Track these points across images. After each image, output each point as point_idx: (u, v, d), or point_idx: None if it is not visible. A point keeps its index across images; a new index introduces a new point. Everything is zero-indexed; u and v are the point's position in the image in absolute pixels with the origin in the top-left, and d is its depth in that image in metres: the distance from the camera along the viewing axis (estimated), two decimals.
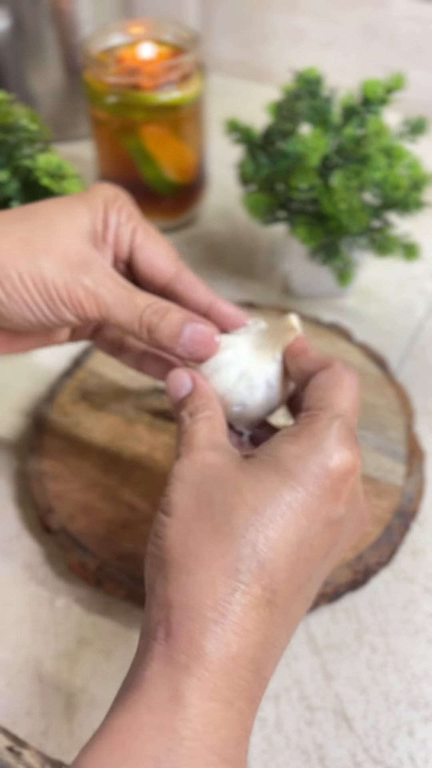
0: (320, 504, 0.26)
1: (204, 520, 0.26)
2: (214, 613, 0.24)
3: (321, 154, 0.47)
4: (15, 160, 0.45)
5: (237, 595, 0.24)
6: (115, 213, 0.34)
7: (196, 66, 0.59)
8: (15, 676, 0.37)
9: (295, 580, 0.26)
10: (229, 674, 0.24)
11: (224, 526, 0.25)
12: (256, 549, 0.25)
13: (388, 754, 0.35)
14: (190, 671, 0.24)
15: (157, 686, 0.24)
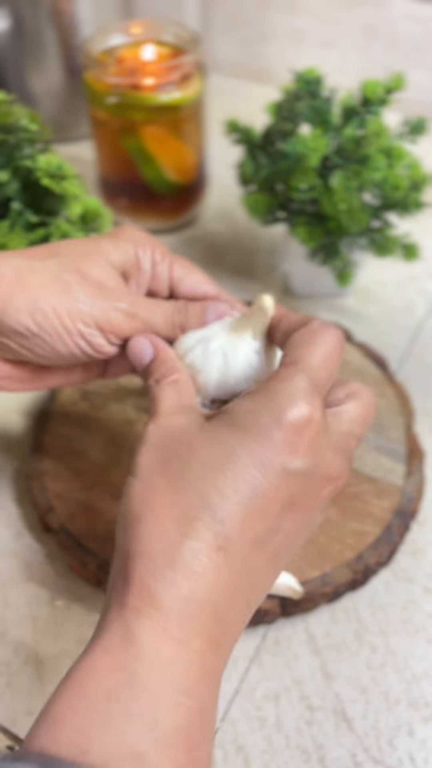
0: (272, 454, 0.26)
1: (162, 477, 0.27)
2: (164, 558, 0.25)
3: (321, 155, 0.48)
4: (15, 161, 0.45)
5: (187, 541, 0.25)
6: (149, 253, 0.36)
7: (196, 66, 0.59)
8: (15, 676, 0.37)
9: (251, 529, 0.26)
10: (180, 615, 0.25)
11: (177, 480, 0.27)
12: (206, 499, 0.26)
13: (388, 754, 0.35)
14: (141, 612, 0.25)
15: (111, 629, 0.25)
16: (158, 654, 0.24)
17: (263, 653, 0.38)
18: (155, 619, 0.25)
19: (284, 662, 0.38)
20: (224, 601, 0.26)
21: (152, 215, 0.65)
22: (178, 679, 0.24)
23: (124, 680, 0.24)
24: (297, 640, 0.39)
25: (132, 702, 0.23)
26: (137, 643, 0.24)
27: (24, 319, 0.31)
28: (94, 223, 0.48)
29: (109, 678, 0.24)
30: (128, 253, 0.35)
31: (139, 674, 0.24)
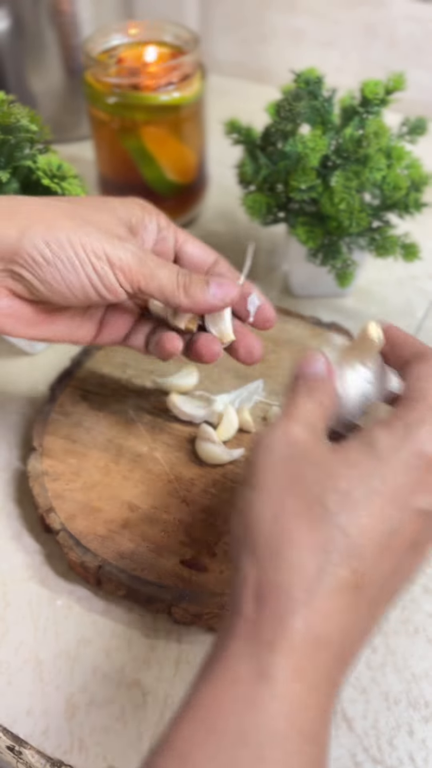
0: (411, 492, 0.26)
1: (296, 500, 0.25)
2: (303, 594, 0.24)
3: (321, 155, 0.48)
4: (15, 161, 0.45)
5: (326, 578, 0.24)
6: (154, 217, 0.39)
7: (196, 66, 0.59)
8: (15, 675, 0.37)
9: (382, 568, 0.25)
10: (312, 656, 0.23)
11: (316, 507, 0.25)
12: (346, 533, 0.25)
13: (387, 754, 0.35)
14: (276, 649, 0.23)
15: (241, 661, 0.23)
16: (292, 696, 0.23)
17: None
18: (290, 659, 0.23)
19: None
20: (348, 642, 0.25)
21: None
22: (307, 726, 0.23)
23: (257, 722, 0.22)
24: None
25: (263, 749, 0.22)
26: (272, 681, 0.23)
27: (41, 246, 0.33)
28: None
29: (241, 716, 0.22)
30: (135, 213, 0.37)
31: (274, 717, 0.22)
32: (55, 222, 0.34)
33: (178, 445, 0.45)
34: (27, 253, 0.33)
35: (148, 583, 0.38)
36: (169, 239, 0.39)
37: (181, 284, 0.36)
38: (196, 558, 0.39)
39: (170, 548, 0.40)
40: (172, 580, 0.38)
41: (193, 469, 0.44)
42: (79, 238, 0.33)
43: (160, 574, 0.39)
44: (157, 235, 0.39)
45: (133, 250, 0.35)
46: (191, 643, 0.38)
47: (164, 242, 0.39)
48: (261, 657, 0.23)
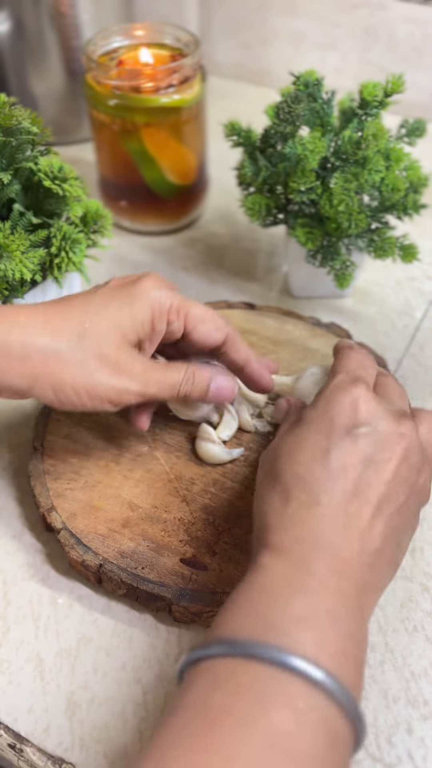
0: (332, 425, 0.34)
1: (266, 474, 0.36)
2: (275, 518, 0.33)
3: (320, 157, 0.48)
4: (16, 163, 0.45)
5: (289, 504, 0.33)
6: (164, 316, 0.40)
7: (196, 69, 0.59)
8: (16, 674, 0.38)
9: (338, 485, 0.32)
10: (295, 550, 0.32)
11: (275, 471, 0.34)
12: (295, 473, 0.33)
13: (386, 752, 0.35)
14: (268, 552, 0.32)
15: (281, 557, 0.31)
16: (328, 580, 0.30)
17: None
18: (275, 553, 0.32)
19: None
20: (335, 546, 0.31)
21: (153, 217, 0.66)
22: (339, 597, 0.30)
23: (303, 579, 0.30)
24: None
25: (314, 596, 0.29)
26: (311, 569, 0.30)
27: (49, 396, 0.37)
28: (94, 224, 0.49)
29: (287, 579, 0.30)
30: (145, 324, 0.39)
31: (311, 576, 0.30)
32: (62, 375, 0.36)
33: (178, 444, 0.46)
34: (37, 397, 0.37)
35: (149, 582, 0.38)
36: (176, 330, 0.41)
37: (182, 393, 0.40)
38: (197, 557, 0.40)
39: (170, 547, 0.40)
40: (173, 578, 0.39)
41: (193, 468, 0.44)
42: (84, 387, 0.37)
43: (160, 573, 0.39)
44: (166, 329, 0.40)
45: (134, 390, 0.38)
46: (192, 642, 0.39)
47: (172, 333, 0.41)
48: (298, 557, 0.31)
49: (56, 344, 0.36)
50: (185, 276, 0.62)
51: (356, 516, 0.32)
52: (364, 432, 0.33)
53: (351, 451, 0.33)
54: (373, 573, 0.32)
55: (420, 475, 0.34)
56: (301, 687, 0.26)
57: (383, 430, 0.34)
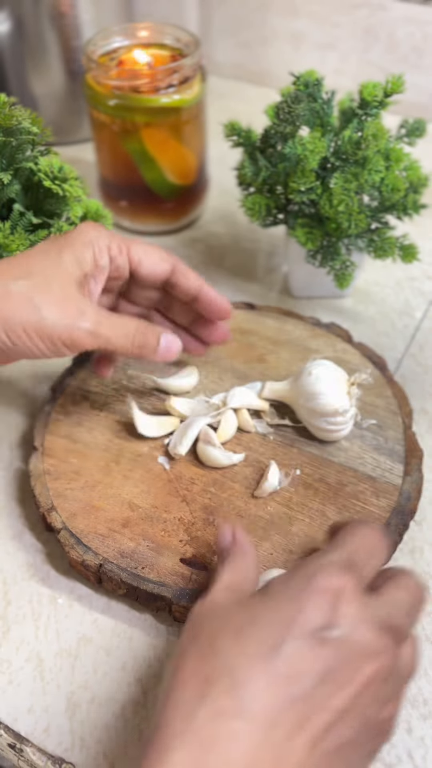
0: (298, 617, 0.26)
1: (194, 647, 0.27)
2: (180, 724, 0.25)
3: (320, 157, 0.48)
4: (17, 163, 0.46)
5: (202, 707, 0.25)
6: (105, 251, 0.40)
7: (196, 69, 0.59)
8: (16, 674, 0.38)
9: (274, 696, 0.25)
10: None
11: (206, 648, 0.27)
12: (229, 663, 0.26)
13: (386, 751, 0.35)
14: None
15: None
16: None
17: None
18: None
19: None
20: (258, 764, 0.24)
21: (153, 217, 0.66)
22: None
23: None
24: None
25: None
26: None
27: (2, 337, 0.36)
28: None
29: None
30: (86, 259, 0.39)
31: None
32: (11, 314, 0.36)
33: None
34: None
35: (149, 582, 0.38)
36: (122, 265, 0.41)
37: (136, 344, 0.40)
38: (197, 556, 0.40)
39: (170, 547, 0.40)
40: (173, 578, 0.39)
41: (193, 468, 0.44)
42: (34, 327, 0.36)
43: (160, 573, 0.39)
44: (109, 265, 0.40)
45: (85, 328, 0.37)
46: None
47: (118, 270, 0.41)
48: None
49: (2, 284, 0.37)
50: None
51: (284, 746, 0.24)
52: (334, 637, 0.26)
53: (306, 659, 0.26)
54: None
55: (383, 708, 0.27)
56: None
57: (357, 640, 0.26)
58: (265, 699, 0.25)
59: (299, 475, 0.44)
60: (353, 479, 0.44)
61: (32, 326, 0.36)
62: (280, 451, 0.45)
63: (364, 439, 0.46)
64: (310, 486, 0.43)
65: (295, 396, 0.46)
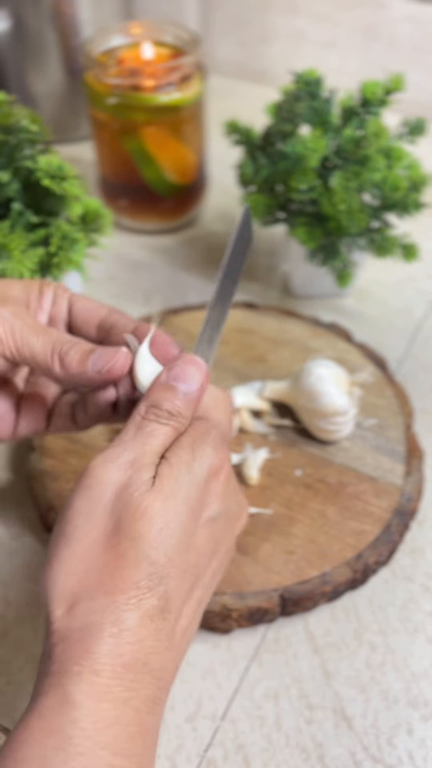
0: (202, 506, 0.29)
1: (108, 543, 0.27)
2: (112, 628, 0.26)
3: (320, 155, 0.48)
4: (16, 161, 0.45)
5: (134, 611, 0.26)
6: (52, 289, 0.36)
7: (196, 67, 0.59)
8: (15, 675, 0.38)
9: (186, 584, 0.28)
10: (121, 678, 0.25)
11: (127, 550, 0.27)
12: (156, 566, 0.27)
13: (387, 753, 0.35)
14: (82, 678, 0.25)
15: (48, 695, 0.25)
16: (96, 717, 0.25)
17: (263, 652, 0.38)
18: (96, 684, 0.25)
19: (284, 661, 0.38)
20: (161, 659, 0.27)
21: (152, 216, 0.66)
22: (115, 742, 0.25)
23: (58, 745, 0.24)
24: (297, 639, 0.39)
25: (64, 766, 0.24)
26: (75, 707, 0.25)
27: None
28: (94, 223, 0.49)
29: (41, 743, 0.24)
30: (33, 289, 0.36)
31: (74, 738, 0.24)
32: None
33: None
34: None
35: None
36: (62, 304, 0.37)
37: (56, 352, 0.33)
38: None
39: None
40: None
41: None
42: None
43: None
44: (52, 302, 0.36)
45: (3, 316, 0.33)
46: (190, 643, 0.38)
47: (57, 306, 0.36)
48: (67, 687, 0.25)
49: None
50: (185, 275, 0.62)
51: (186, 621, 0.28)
52: (217, 515, 0.29)
53: (207, 539, 0.29)
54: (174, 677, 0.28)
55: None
56: None
57: (232, 511, 0.31)
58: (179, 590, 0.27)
59: (300, 475, 0.44)
60: (354, 480, 0.43)
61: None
62: (280, 451, 0.45)
63: (364, 440, 0.45)
64: (310, 486, 0.43)
65: (296, 396, 0.45)
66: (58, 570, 0.27)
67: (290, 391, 0.46)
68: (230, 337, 0.53)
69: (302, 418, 0.46)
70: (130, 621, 0.26)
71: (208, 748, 0.35)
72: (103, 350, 0.33)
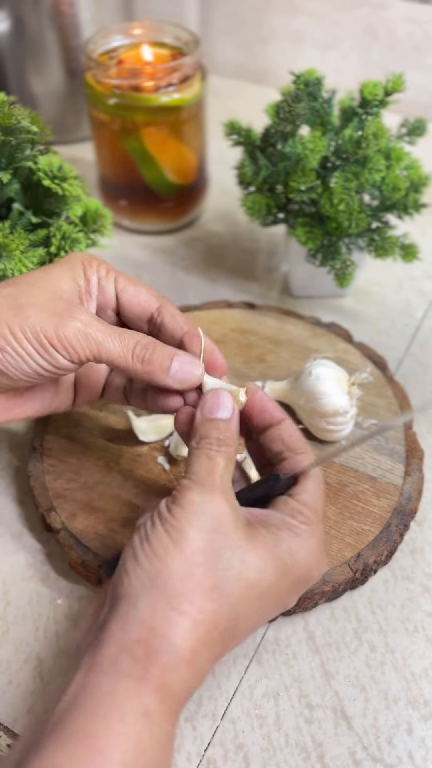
0: (289, 594, 0.32)
1: (208, 571, 0.29)
2: (189, 655, 0.28)
3: (320, 156, 0.48)
4: (16, 162, 0.45)
5: (209, 648, 0.29)
6: (95, 270, 0.37)
7: (196, 68, 0.59)
8: (16, 674, 0.38)
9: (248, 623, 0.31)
10: (180, 703, 0.28)
11: (223, 587, 0.29)
12: (237, 619, 0.29)
13: (387, 753, 0.35)
14: (160, 697, 0.27)
15: (130, 700, 0.27)
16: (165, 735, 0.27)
17: (263, 652, 0.38)
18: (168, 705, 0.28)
19: (284, 661, 0.38)
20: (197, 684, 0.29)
21: (152, 216, 0.66)
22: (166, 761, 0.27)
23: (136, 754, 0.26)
24: (296, 639, 0.39)
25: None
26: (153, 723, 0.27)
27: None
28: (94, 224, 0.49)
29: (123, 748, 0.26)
30: (78, 274, 0.36)
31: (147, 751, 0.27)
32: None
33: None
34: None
35: None
36: (109, 291, 0.37)
37: (137, 356, 0.35)
38: None
39: None
40: None
41: None
42: (18, 325, 0.33)
43: None
44: (98, 285, 0.37)
45: (75, 327, 0.34)
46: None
47: (104, 294, 0.37)
48: (146, 700, 0.27)
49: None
50: (185, 275, 0.62)
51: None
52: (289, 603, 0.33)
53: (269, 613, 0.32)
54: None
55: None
56: None
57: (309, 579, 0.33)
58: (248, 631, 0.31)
59: None
60: (354, 479, 0.43)
61: (18, 326, 0.33)
62: None
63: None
64: None
65: (296, 396, 0.45)
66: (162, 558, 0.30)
67: (290, 391, 0.46)
68: (230, 337, 0.53)
69: (302, 418, 0.46)
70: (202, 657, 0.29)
71: (208, 747, 0.35)
72: (183, 360, 0.35)
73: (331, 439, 0.45)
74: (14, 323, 0.33)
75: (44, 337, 0.33)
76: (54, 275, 0.36)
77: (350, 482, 0.43)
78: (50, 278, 0.35)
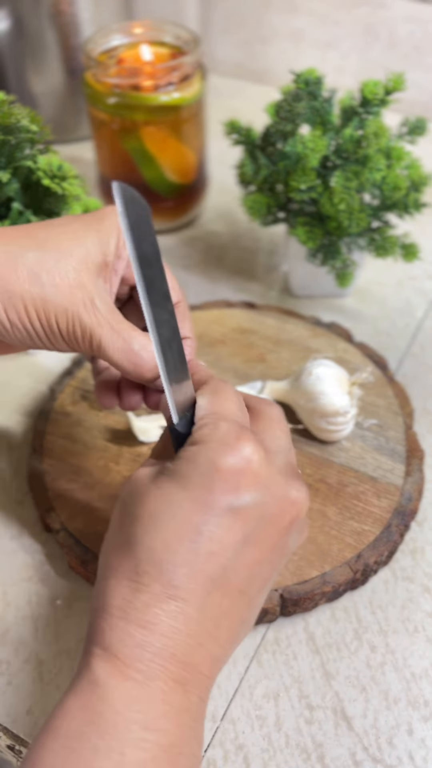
0: (213, 497, 0.28)
1: (120, 534, 0.29)
2: (119, 612, 0.28)
3: (320, 155, 0.48)
4: (16, 161, 0.45)
5: (139, 595, 0.27)
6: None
7: (196, 67, 0.59)
8: (16, 675, 0.38)
9: (203, 573, 0.28)
10: (136, 659, 0.27)
11: (130, 537, 0.29)
12: (153, 552, 0.28)
13: (387, 753, 0.35)
14: (104, 659, 0.27)
15: (80, 675, 0.28)
16: (121, 694, 0.26)
17: (263, 652, 0.38)
18: (114, 664, 0.27)
19: (284, 661, 0.38)
20: (183, 644, 0.27)
21: (153, 216, 0.66)
22: (140, 716, 0.26)
23: (91, 720, 0.26)
24: (296, 639, 0.39)
25: (99, 739, 0.26)
26: (101, 685, 0.27)
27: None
28: None
29: (77, 719, 0.26)
30: (110, 245, 0.34)
31: (104, 713, 0.26)
32: (16, 286, 0.32)
33: None
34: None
35: None
36: (129, 276, 0.36)
37: (131, 361, 0.34)
38: None
39: None
40: None
41: None
42: (33, 300, 0.32)
43: None
44: (126, 263, 0.36)
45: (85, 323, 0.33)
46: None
47: (126, 281, 0.36)
48: (92, 667, 0.27)
49: (9, 249, 0.32)
50: (185, 275, 0.62)
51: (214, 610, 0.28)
52: (250, 506, 0.28)
53: (228, 533, 0.28)
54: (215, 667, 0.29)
55: (297, 540, 0.31)
56: None
57: (272, 500, 0.29)
58: (192, 579, 0.27)
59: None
60: (354, 480, 0.43)
61: (32, 302, 0.32)
62: None
63: (365, 440, 0.45)
64: (310, 486, 0.43)
65: (296, 396, 0.45)
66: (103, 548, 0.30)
67: (290, 391, 0.46)
68: (230, 336, 0.53)
69: (302, 418, 0.46)
70: (137, 605, 0.27)
71: (208, 748, 0.35)
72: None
73: (332, 439, 0.45)
74: (30, 302, 0.32)
75: (56, 325, 0.33)
76: (85, 246, 0.33)
77: (351, 482, 0.43)
78: (80, 249, 0.33)
